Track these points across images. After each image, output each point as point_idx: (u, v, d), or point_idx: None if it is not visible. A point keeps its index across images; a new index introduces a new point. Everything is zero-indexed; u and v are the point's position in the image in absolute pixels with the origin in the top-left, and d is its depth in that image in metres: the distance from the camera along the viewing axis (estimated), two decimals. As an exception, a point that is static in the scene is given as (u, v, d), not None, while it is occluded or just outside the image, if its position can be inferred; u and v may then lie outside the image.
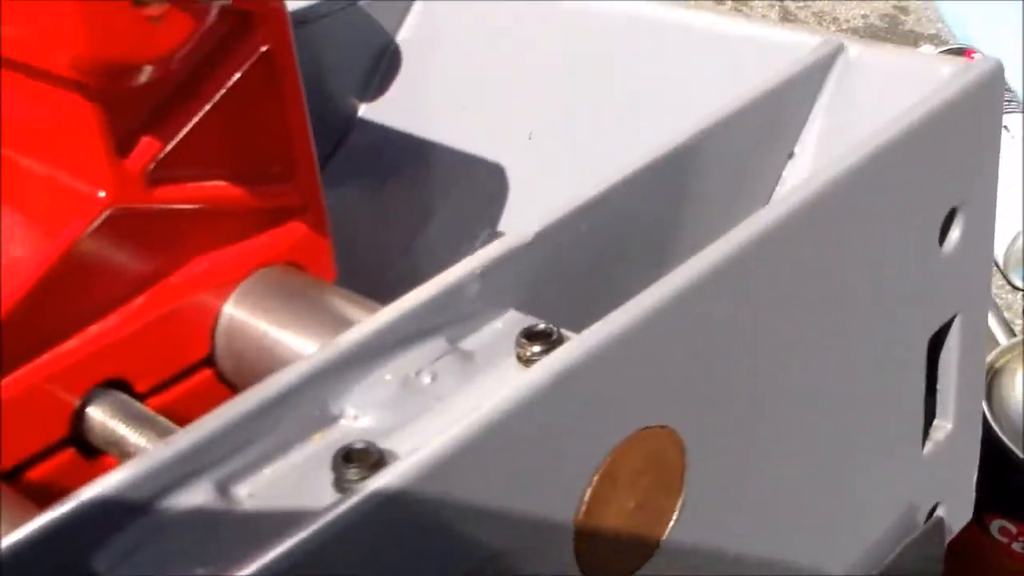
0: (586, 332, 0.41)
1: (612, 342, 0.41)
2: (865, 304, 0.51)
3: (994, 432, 0.96)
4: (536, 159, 0.65)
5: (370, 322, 0.42)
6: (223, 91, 0.50)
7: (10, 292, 0.48)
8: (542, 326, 0.43)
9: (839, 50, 0.56)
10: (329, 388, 0.41)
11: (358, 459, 0.38)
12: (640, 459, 0.43)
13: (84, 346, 0.50)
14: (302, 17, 0.68)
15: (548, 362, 0.40)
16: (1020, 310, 1.50)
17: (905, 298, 0.53)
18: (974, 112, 0.53)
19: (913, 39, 2.08)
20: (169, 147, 0.48)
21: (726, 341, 0.45)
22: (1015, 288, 1.55)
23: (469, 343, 0.44)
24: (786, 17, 2.17)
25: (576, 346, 0.40)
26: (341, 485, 0.38)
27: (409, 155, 0.69)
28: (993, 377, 1.01)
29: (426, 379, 0.42)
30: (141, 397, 0.52)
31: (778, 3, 2.20)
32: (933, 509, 0.61)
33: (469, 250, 0.64)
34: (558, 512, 0.40)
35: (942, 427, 0.59)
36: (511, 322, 0.45)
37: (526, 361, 0.42)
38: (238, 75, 0.50)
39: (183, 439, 0.38)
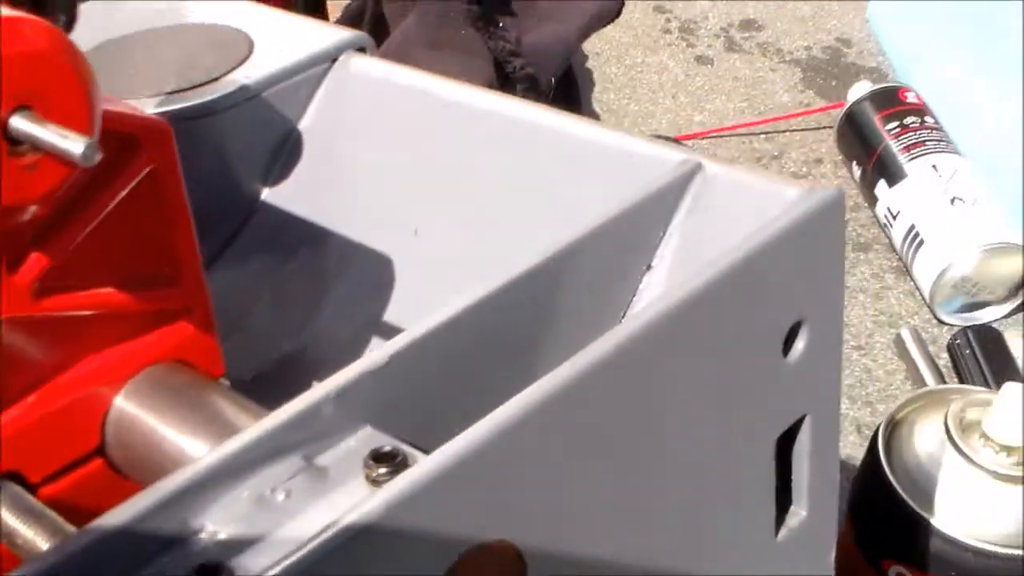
0: (429, 457, 0.45)
1: (454, 466, 0.44)
2: (712, 410, 0.55)
3: (889, 482, 1.01)
4: (420, 253, 0.69)
5: (229, 443, 0.46)
6: (109, 208, 0.53)
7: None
8: (388, 448, 0.46)
9: (697, 168, 0.60)
10: (189, 506, 0.45)
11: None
12: (481, 570, 0.47)
13: (-23, 442, 0.53)
14: (210, 109, 0.72)
15: (392, 485, 0.43)
16: (945, 344, 1.56)
17: (751, 404, 0.57)
18: (817, 234, 0.57)
19: (854, 72, 2.14)
20: (56, 262, 0.52)
21: (571, 460, 0.49)
22: (940, 322, 1.60)
23: (324, 459, 0.48)
24: (731, 47, 2.22)
25: (418, 470, 0.44)
26: (192, 605, 0.42)
27: (305, 239, 0.73)
28: (894, 428, 1.06)
29: (280, 496, 0.46)
30: (34, 487, 0.55)
31: (724, 34, 2.25)
32: (789, 591, 0.65)
33: (354, 337, 0.69)
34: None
35: (796, 514, 0.63)
36: (364, 439, 0.49)
37: (373, 481, 0.46)
38: (124, 193, 0.54)
39: (47, 558, 0.42)
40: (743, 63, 2.19)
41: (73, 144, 0.43)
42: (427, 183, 0.70)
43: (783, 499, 0.63)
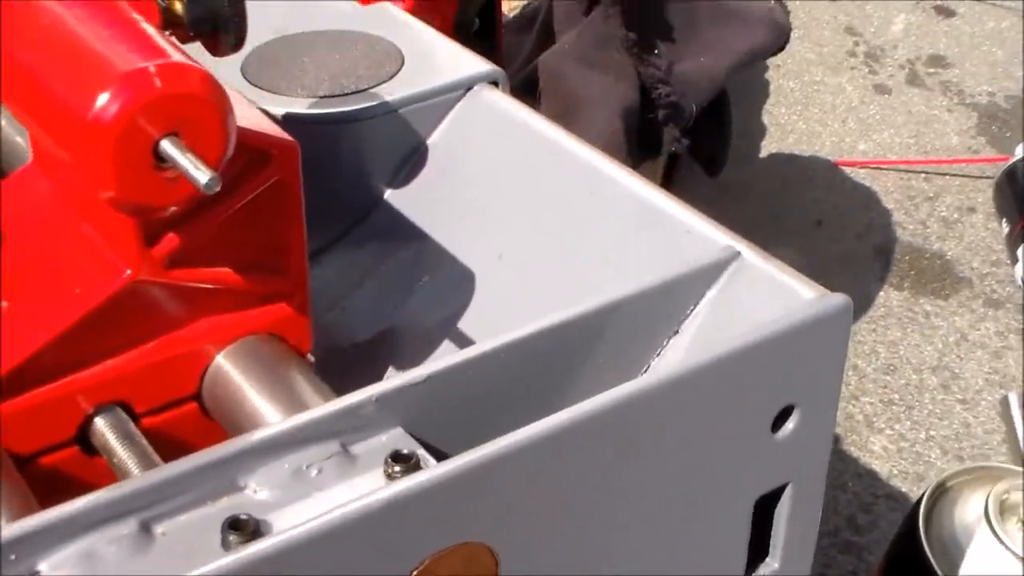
0: (436, 466, 0.56)
1: (454, 477, 0.55)
2: (700, 467, 0.65)
3: (923, 547, 1.08)
4: (500, 275, 0.80)
5: (281, 423, 0.58)
6: (237, 207, 0.65)
7: (54, 324, 0.64)
8: (406, 451, 0.58)
9: (736, 256, 0.69)
10: (242, 466, 0.57)
11: (241, 527, 0.54)
12: (458, 563, 0.57)
13: (103, 373, 0.66)
14: (355, 117, 0.83)
15: (402, 482, 0.55)
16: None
17: (737, 467, 0.67)
18: (821, 334, 0.66)
19: (1035, 125, 2.14)
20: (186, 243, 0.64)
21: (561, 491, 0.59)
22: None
23: (357, 448, 0.59)
24: (913, 81, 2.24)
25: (424, 475, 0.55)
26: (226, 544, 0.54)
27: (410, 240, 0.84)
28: (940, 495, 1.13)
29: (313, 472, 0.58)
30: (138, 416, 0.68)
31: (909, 66, 2.27)
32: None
33: (431, 333, 0.80)
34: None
35: (770, 565, 0.73)
36: (394, 438, 0.60)
37: (389, 476, 0.58)
38: (250, 196, 0.65)
39: (126, 486, 0.54)
40: (921, 99, 2.21)
41: (200, 175, 0.56)
42: (520, 214, 0.81)
43: (759, 550, 0.72)
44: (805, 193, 1.98)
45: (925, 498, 1.11)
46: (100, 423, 0.67)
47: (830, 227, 1.90)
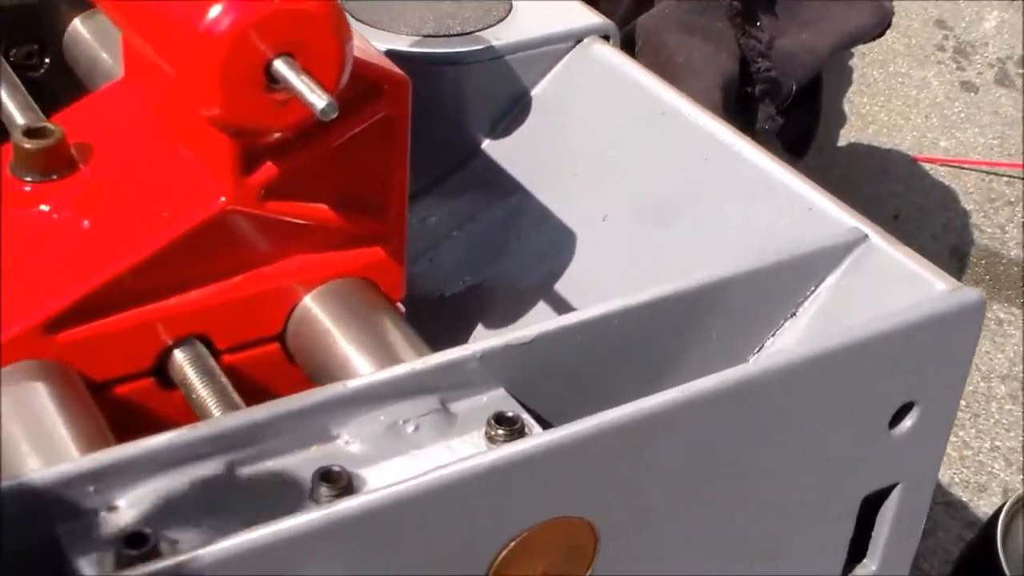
0: (544, 432, 0.52)
1: (561, 446, 0.51)
2: (810, 459, 0.61)
3: (1000, 563, 1.04)
4: (603, 237, 0.76)
5: (379, 374, 0.54)
6: (342, 140, 0.61)
7: (138, 248, 0.61)
8: (511, 414, 0.54)
9: (863, 239, 0.65)
10: (335, 415, 0.53)
11: (333, 480, 0.50)
12: (557, 536, 0.54)
13: (185, 304, 0.63)
14: (458, 59, 0.79)
15: (504, 448, 0.51)
16: None
17: (849, 462, 0.62)
18: (949, 330, 0.61)
19: None
20: (284, 174, 0.60)
21: (665, 471, 0.55)
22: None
23: (457, 407, 0.55)
24: (1002, 80, 2.18)
25: (530, 442, 0.51)
26: (315, 497, 0.50)
27: (509, 193, 0.80)
28: (1018, 511, 1.08)
29: (410, 428, 0.54)
30: (218, 352, 0.64)
31: (999, 64, 2.21)
32: (846, 632, 0.71)
33: (527, 292, 0.76)
34: (476, 559, 0.51)
35: (866, 567, 0.69)
36: (496, 399, 0.56)
37: (490, 439, 0.54)
38: (357, 130, 0.62)
39: (214, 425, 0.51)
40: (1009, 99, 2.15)
41: (317, 99, 0.52)
42: (627, 176, 0.76)
43: (859, 549, 0.68)
44: (883, 186, 1.93)
45: (1004, 510, 1.07)
46: (179, 356, 0.63)
47: (906, 223, 1.84)
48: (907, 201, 1.89)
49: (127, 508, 0.48)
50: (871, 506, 0.66)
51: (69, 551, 0.47)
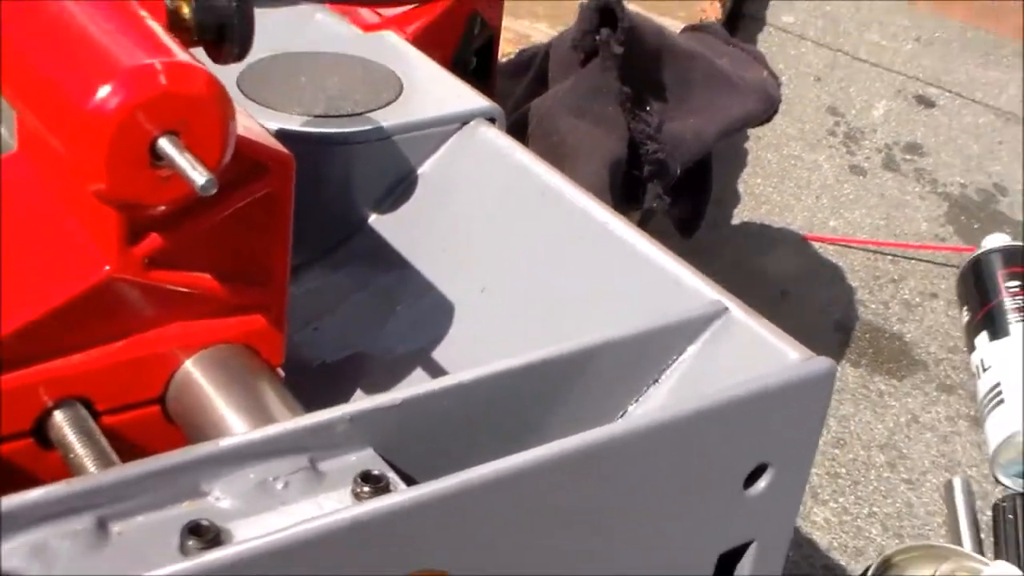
0: (406, 490, 0.55)
1: (422, 502, 0.54)
2: (667, 518, 0.64)
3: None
4: (482, 307, 0.79)
5: (250, 433, 0.57)
6: (225, 214, 0.64)
7: (23, 313, 0.63)
8: (376, 472, 0.57)
9: (723, 311, 0.69)
10: (206, 472, 0.55)
11: (202, 533, 0.53)
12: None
13: (67, 367, 0.65)
14: (347, 139, 0.83)
15: (370, 503, 0.54)
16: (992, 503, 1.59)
17: (704, 521, 0.66)
18: (801, 397, 0.65)
19: (1000, 221, 2.17)
20: (168, 246, 0.63)
21: (526, 527, 0.58)
22: (997, 481, 1.63)
23: (325, 466, 0.58)
24: (889, 165, 2.26)
25: (393, 498, 0.54)
26: (183, 550, 0.52)
27: (392, 267, 0.84)
28: (884, 569, 1.13)
29: (279, 485, 0.57)
30: (98, 414, 0.67)
31: (886, 151, 2.30)
32: None
33: (406, 358, 0.79)
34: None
35: (728, 624, 0.72)
36: (364, 459, 0.59)
37: (357, 496, 0.57)
38: (241, 205, 0.65)
39: (85, 481, 0.53)
40: (895, 183, 2.23)
41: (198, 176, 0.55)
42: (506, 250, 0.80)
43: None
44: (773, 263, 1.99)
45: (872, 572, 1.11)
46: (59, 417, 0.65)
47: (794, 299, 1.91)
48: (795, 277, 1.96)
49: (3, 559, 0.50)
50: (727, 562, 0.69)
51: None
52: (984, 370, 1.70)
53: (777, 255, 2.03)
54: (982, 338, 1.74)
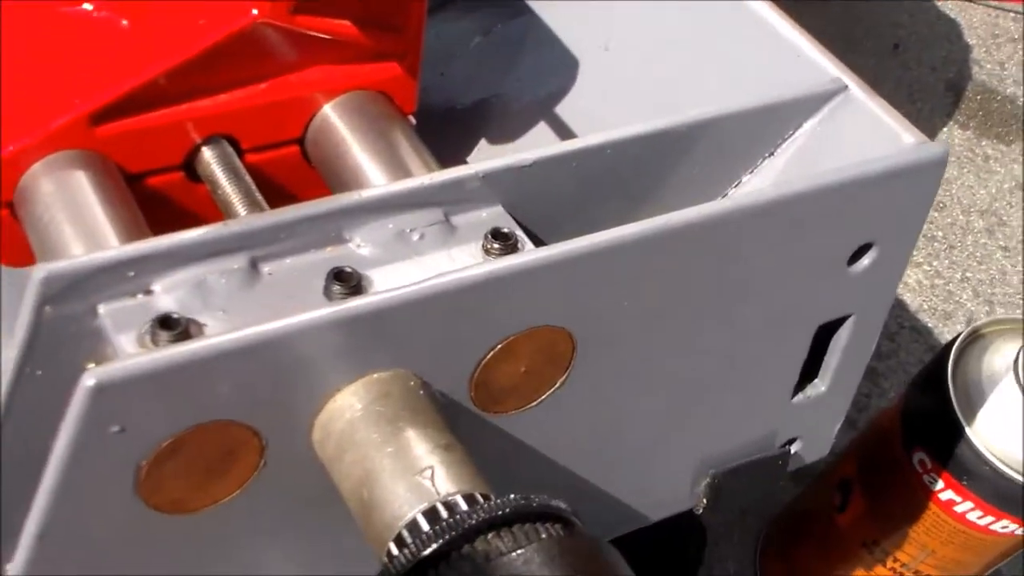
0: (534, 251, 0.58)
1: (549, 264, 0.58)
2: (772, 289, 0.67)
3: (947, 386, 1.11)
4: (605, 66, 0.81)
5: (391, 186, 0.60)
6: (368, -38, 0.66)
7: (175, 53, 0.66)
8: (506, 230, 0.60)
9: (842, 88, 0.70)
10: (349, 220, 0.59)
11: (345, 279, 0.57)
12: (540, 343, 0.60)
13: (215, 106, 0.68)
14: None
15: (499, 261, 0.57)
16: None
17: (807, 294, 0.69)
18: (913, 180, 0.67)
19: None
20: (314, -7, 0.65)
21: (641, 293, 0.62)
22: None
23: (458, 220, 0.61)
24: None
25: (522, 257, 0.57)
26: (328, 294, 0.57)
27: (520, 13, 0.85)
28: (973, 339, 1.15)
29: (415, 236, 0.60)
30: (243, 152, 0.70)
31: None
32: (790, 442, 0.78)
33: (530, 110, 0.81)
34: (467, 357, 0.58)
35: (816, 387, 0.76)
36: (494, 215, 0.62)
37: (487, 251, 0.60)
38: (382, -46, 0.66)
39: (240, 223, 0.57)
40: None
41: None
42: (629, 11, 0.81)
43: (811, 371, 0.75)
44: (886, 15, 1.95)
45: (958, 341, 1.13)
46: (207, 153, 0.69)
47: (906, 54, 1.87)
48: (910, 32, 1.92)
49: (162, 293, 0.55)
50: (824, 333, 0.73)
51: (110, 328, 0.54)
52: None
53: (892, 6, 1.98)
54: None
